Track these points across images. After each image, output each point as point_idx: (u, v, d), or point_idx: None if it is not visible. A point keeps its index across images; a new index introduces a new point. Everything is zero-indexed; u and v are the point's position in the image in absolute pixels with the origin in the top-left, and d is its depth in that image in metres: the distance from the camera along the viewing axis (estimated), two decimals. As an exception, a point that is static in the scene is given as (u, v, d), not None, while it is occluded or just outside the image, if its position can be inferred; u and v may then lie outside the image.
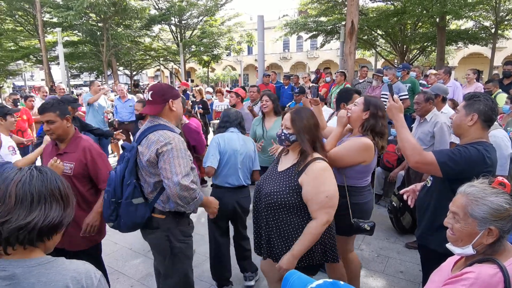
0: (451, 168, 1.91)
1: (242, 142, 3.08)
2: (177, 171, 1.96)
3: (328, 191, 1.94)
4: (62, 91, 7.66)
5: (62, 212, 1.03)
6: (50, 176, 1.04)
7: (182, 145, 2.04)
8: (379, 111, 2.34)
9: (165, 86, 2.20)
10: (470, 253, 1.30)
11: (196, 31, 23.18)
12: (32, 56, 20.69)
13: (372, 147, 2.31)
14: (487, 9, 14.96)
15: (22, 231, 0.95)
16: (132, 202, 2.07)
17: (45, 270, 1.00)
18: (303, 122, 2.05)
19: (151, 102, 2.12)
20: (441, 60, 14.11)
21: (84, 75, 29.48)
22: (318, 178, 1.95)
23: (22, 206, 0.96)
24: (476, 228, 1.27)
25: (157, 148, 1.99)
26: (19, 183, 0.98)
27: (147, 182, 2.11)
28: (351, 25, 8.63)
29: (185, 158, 2.03)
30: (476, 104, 1.98)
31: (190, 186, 1.97)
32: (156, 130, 2.05)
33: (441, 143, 3.65)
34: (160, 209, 2.12)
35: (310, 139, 2.04)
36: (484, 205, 1.25)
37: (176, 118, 2.19)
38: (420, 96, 3.87)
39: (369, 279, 3.28)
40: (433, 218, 2.09)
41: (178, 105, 2.18)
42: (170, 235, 2.15)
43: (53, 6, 16.82)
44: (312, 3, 17.38)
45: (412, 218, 4.04)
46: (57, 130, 2.43)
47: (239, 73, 36.04)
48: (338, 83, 7.13)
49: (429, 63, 23.69)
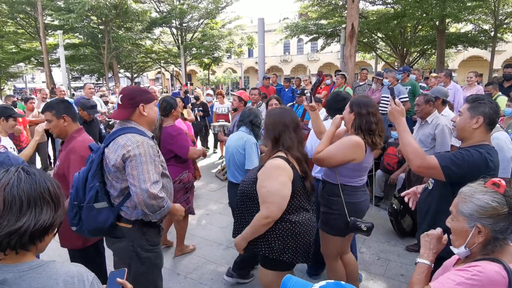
0: (454, 172, 1.89)
1: (232, 140, 3.21)
2: (145, 178, 1.88)
3: (270, 186, 1.97)
4: (63, 93, 7.68)
5: (53, 213, 1.00)
6: (38, 178, 1.00)
7: (151, 150, 1.95)
8: (362, 109, 2.40)
9: (136, 90, 2.11)
10: (464, 253, 1.32)
11: (197, 33, 23.26)
12: (33, 58, 20.76)
13: (361, 144, 2.34)
14: (486, 13, 15.03)
15: (13, 236, 0.92)
16: (94, 207, 1.98)
17: (37, 274, 0.97)
18: (270, 119, 2.15)
19: (120, 106, 2.04)
20: (441, 63, 14.14)
21: (85, 78, 29.58)
22: (265, 173, 2.02)
23: (11, 211, 0.93)
24: (466, 225, 1.30)
25: (123, 153, 1.89)
26: (7, 186, 0.94)
27: (113, 186, 2.00)
28: (351, 28, 8.66)
29: (154, 164, 1.94)
30: (481, 106, 1.96)
31: (158, 194, 1.90)
32: (125, 133, 1.96)
33: (442, 145, 3.65)
34: (126, 217, 2.01)
35: (273, 136, 2.11)
36: (470, 203, 1.28)
37: (148, 122, 2.09)
38: (420, 98, 3.88)
39: (369, 282, 3.27)
40: (434, 221, 2.08)
41: (151, 109, 2.08)
42: (136, 246, 2.04)
43: (54, 9, 16.90)
44: (312, 6, 17.45)
45: (412, 220, 4.03)
46: (54, 129, 2.50)
47: (239, 76, 36.12)
48: (338, 85, 7.12)
49: (429, 66, 23.75)
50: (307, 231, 2.11)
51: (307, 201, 2.17)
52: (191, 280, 3.30)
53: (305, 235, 2.10)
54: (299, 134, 2.16)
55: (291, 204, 2.05)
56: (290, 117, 2.14)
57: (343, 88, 6.80)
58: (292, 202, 2.06)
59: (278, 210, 1.98)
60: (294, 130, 2.12)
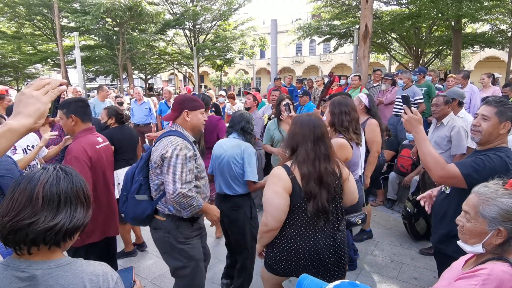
0: (476, 179, 1.85)
1: (226, 148, 2.89)
2: (178, 178, 2.08)
3: (266, 195, 1.96)
4: (78, 94, 7.81)
5: (85, 213, 1.04)
6: (75, 178, 1.04)
7: (188, 153, 2.14)
8: (335, 108, 2.51)
9: (185, 98, 2.37)
10: (479, 252, 1.32)
11: (209, 35, 23.37)
12: (50, 59, 21.16)
13: (345, 143, 2.49)
14: (503, 12, 14.66)
15: (49, 233, 0.95)
16: (135, 198, 2.25)
17: (64, 272, 1.00)
18: (292, 127, 2.06)
19: (172, 109, 2.36)
20: (457, 63, 13.86)
21: (99, 79, 30.04)
22: (267, 181, 2.02)
23: (49, 208, 0.96)
24: (485, 228, 1.28)
25: (163, 152, 2.12)
26: (46, 184, 0.97)
27: (153, 181, 2.24)
28: (365, 28, 8.58)
29: (189, 166, 2.13)
30: (508, 111, 1.92)
31: (187, 194, 2.08)
32: (170, 135, 2.19)
33: (458, 147, 3.58)
34: (161, 211, 2.25)
35: (291, 147, 2.02)
36: (494, 206, 1.26)
37: (191, 127, 2.31)
38: (440, 98, 3.80)
39: (382, 285, 3.24)
40: (450, 224, 2.04)
41: (195, 116, 2.31)
42: (170, 237, 2.26)
43: (70, 11, 17.22)
44: (325, 7, 17.34)
45: (426, 224, 3.97)
46: (64, 127, 2.67)
47: (251, 77, 36.16)
48: (355, 86, 7.01)
49: (445, 67, 23.33)
50: (303, 251, 1.94)
51: (311, 223, 1.95)
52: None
53: (299, 254, 1.95)
54: (322, 148, 1.95)
55: (289, 219, 1.95)
56: (312, 128, 1.96)
57: (359, 89, 6.73)
58: (290, 217, 1.94)
59: (272, 219, 1.91)
60: (314, 143, 1.94)
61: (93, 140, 2.63)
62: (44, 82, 1.00)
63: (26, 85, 15.93)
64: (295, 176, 1.91)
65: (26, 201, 0.95)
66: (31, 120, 0.95)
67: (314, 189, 1.89)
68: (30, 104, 0.96)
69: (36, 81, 1.01)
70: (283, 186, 1.90)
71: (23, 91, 0.98)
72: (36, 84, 0.99)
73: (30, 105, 0.95)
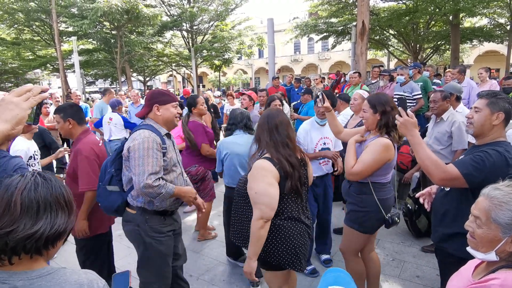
0: (476, 177, 1.83)
1: (244, 145, 3.02)
2: (144, 170, 2.09)
3: (257, 188, 1.97)
4: (78, 98, 7.81)
5: (67, 218, 1.01)
6: (54, 183, 1.01)
7: (155, 145, 2.16)
8: (387, 107, 2.39)
9: (154, 92, 2.40)
10: (493, 259, 1.22)
11: (207, 36, 23.40)
12: (49, 64, 21.27)
13: (391, 144, 2.38)
14: (501, 6, 14.62)
15: (29, 240, 0.92)
16: (107, 188, 2.30)
17: (46, 282, 0.97)
18: (258, 121, 2.18)
19: (143, 105, 2.41)
20: (456, 58, 13.82)
21: (99, 82, 30.11)
22: (252, 175, 2.02)
23: (28, 215, 0.93)
24: (499, 234, 1.19)
25: (130, 145, 2.15)
26: (24, 190, 0.95)
27: (124, 175, 2.28)
28: (362, 25, 8.56)
29: (155, 158, 2.15)
30: (500, 102, 1.90)
31: (153, 184, 2.09)
32: (139, 129, 2.23)
33: (460, 142, 3.55)
34: (131, 204, 2.29)
35: (257, 138, 2.14)
36: (509, 211, 1.16)
37: (164, 121, 2.32)
38: (437, 94, 3.76)
39: (384, 284, 3.21)
40: (452, 223, 2.02)
41: (167, 110, 2.31)
42: (140, 230, 2.28)
43: (68, 16, 17.28)
44: (322, 5, 17.34)
45: (428, 221, 3.93)
46: (61, 130, 2.75)
47: (250, 77, 36.18)
48: (355, 84, 6.93)
49: (444, 62, 23.30)
50: (294, 237, 2.04)
51: (298, 210, 2.09)
52: (203, 281, 3.30)
53: (290, 241, 2.03)
54: (278, 137, 2.07)
55: (278, 207, 2.00)
56: (266, 118, 2.14)
57: (359, 86, 6.69)
58: (279, 206, 2.01)
59: (269, 209, 1.96)
60: (270, 132, 2.08)
61: (95, 140, 2.79)
62: (26, 88, 0.98)
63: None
64: (280, 164, 2.01)
65: (4, 209, 0.92)
66: (8, 125, 0.93)
67: (289, 169, 2.00)
68: (8, 110, 0.94)
69: (19, 88, 1.00)
70: (273, 176, 1.98)
71: (3, 97, 0.96)
72: (17, 91, 0.97)
73: (8, 111, 0.93)
